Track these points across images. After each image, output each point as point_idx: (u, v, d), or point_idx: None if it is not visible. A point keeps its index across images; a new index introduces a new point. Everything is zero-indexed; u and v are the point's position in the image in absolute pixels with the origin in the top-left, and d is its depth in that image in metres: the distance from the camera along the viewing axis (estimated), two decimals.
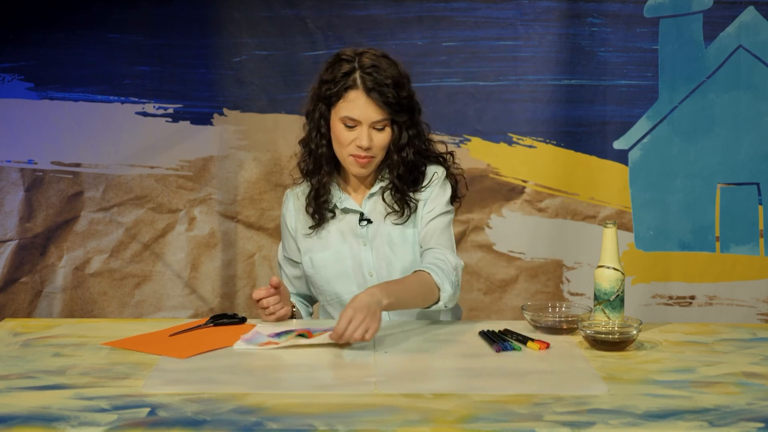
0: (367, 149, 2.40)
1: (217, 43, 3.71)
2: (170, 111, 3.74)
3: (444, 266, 2.36)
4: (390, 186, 2.48)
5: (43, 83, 3.71)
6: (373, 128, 2.40)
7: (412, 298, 2.29)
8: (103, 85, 3.72)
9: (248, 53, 3.71)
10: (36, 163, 3.75)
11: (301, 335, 2.18)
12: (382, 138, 2.41)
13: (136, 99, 3.73)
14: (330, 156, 2.47)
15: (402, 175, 2.46)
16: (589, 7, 3.65)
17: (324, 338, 2.14)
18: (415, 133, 2.45)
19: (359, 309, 2.11)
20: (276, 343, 2.15)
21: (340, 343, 2.13)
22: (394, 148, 2.44)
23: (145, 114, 3.74)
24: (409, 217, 2.49)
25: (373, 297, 2.15)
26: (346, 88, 2.38)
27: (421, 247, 2.48)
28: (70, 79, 3.72)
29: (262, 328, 2.29)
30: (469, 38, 3.68)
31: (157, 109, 3.74)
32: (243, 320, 2.40)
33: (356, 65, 2.39)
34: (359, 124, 2.39)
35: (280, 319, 2.40)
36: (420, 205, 2.50)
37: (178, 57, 3.71)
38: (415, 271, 2.34)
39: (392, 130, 2.42)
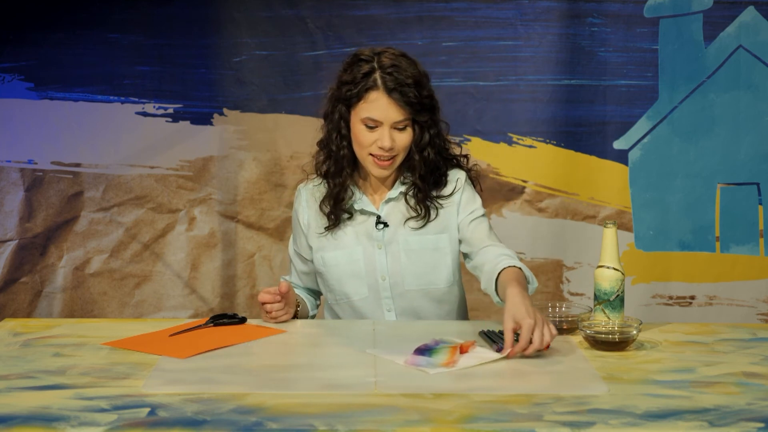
0: (389, 149, 2.38)
1: (217, 43, 3.71)
2: (170, 111, 3.74)
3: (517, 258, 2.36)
4: (412, 187, 2.47)
5: (43, 83, 3.71)
6: (395, 128, 2.38)
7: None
8: (103, 85, 3.72)
9: (248, 53, 3.71)
10: (36, 163, 3.75)
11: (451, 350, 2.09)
12: (404, 138, 2.40)
13: (136, 99, 3.73)
14: (351, 157, 2.45)
15: (424, 176, 2.45)
16: (589, 7, 3.65)
17: (497, 355, 2.06)
18: (436, 132, 2.44)
19: (534, 315, 2.05)
20: (453, 362, 2.03)
21: (527, 354, 2.05)
22: (415, 148, 2.42)
23: (145, 114, 3.74)
24: (427, 222, 2.48)
25: (525, 298, 2.10)
26: (367, 89, 2.36)
27: (469, 246, 2.46)
28: (70, 79, 3.72)
29: (406, 348, 2.11)
30: (469, 38, 3.68)
31: (157, 109, 3.74)
32: (243, 320, 2.40)
33: (376, 65, 2.37)
34: (380, 125, 2.37)
35: (280, 323, 2.39)
36: (451, 210, 2.49)
37: (178, 57, 3.71)
38: (508, 268, 2.28)
39: (413, 130, 2.41)
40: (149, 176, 3.78)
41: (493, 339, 2.19)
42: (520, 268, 2.29)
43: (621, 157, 3.73)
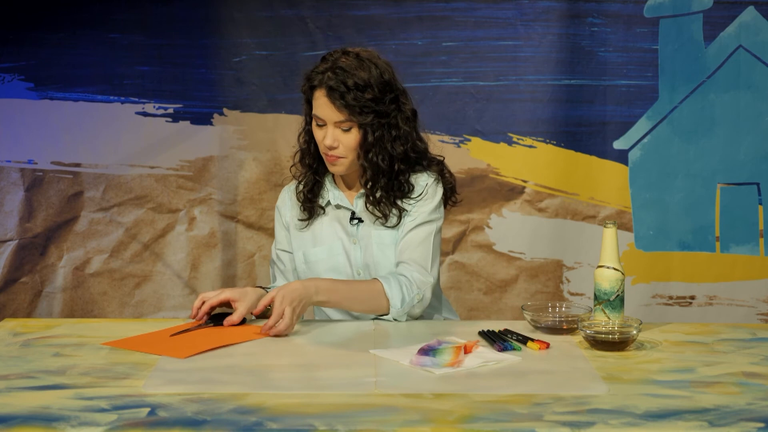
0: (333, 148, 2.41)
1: (217, 43, 3.71)
2: (170, 111, 3.74)
3: (403, 281, 2.37)
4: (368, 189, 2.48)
5: (43, 83, 3.71)
6: (339, 128, 2.40)
7: (352, 302, 2.36)
8: (103, 85, 3.72)
9: (248, 53, 3.71)
10: (36, 163, 3.75)
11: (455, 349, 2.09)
12: (349, 139, 2.41)
13: (136, 99, 3.73)
14: (316, 152, 2.50)
15: (371, 179, 2.45)
16: (589, 7, 3.65)
17: (501, 355, 2.08)
18: (385, 136, 2.41)
19: (291, 301, 2.23)
20: (459, 362, 2.03)
21: (270, 334, 2.24)
22: (360, 150, 2.43)
23: (145, 114, 3.74)
24: (400, 220, 2.47)
25: (307, 290, 2.27)
26: (313, 87, 2.41)
27: (397, 253, 2.47)
28: (70, 79, 3.72)
29: (408, 349, 2.12)
30: (469, 38, 3.68)
31: (157, 109, 3.74)
32: (243, 320, 2.40)
33: (330, 65, 2.39)
34: (325, 123, 2.41)
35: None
36: (405, 214, 2.48)
37: (178, 57, 3.71)
38: (373, 279, 2.39)
39: (359, 131, 2.41)
40: (149, 176, 3.78)
41: (493, 339, 2.19)
42: (381, 283, 2.36)
43: (621, 157, 3.73)
